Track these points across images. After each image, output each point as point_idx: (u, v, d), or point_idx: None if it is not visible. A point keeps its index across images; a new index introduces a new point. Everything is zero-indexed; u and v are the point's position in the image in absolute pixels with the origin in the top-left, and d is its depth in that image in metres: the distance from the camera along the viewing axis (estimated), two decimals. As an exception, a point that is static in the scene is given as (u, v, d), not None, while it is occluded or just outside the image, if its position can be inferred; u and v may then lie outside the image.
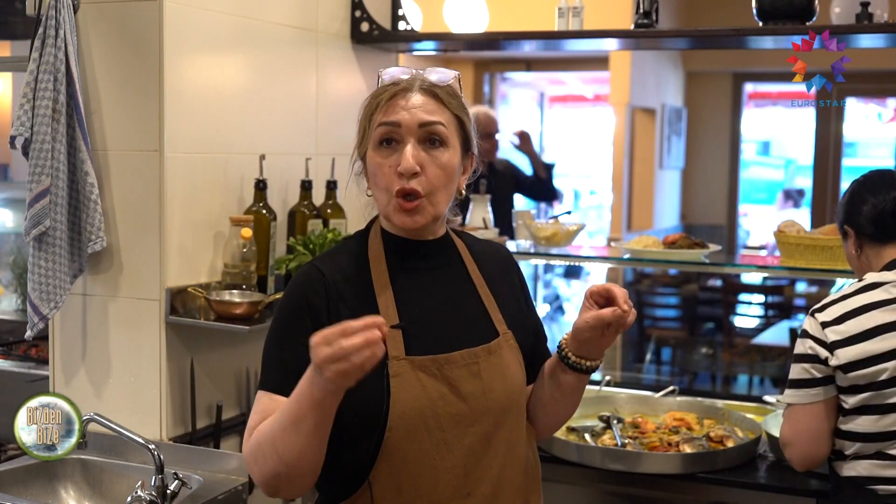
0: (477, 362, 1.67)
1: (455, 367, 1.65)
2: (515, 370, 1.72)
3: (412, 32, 3.23)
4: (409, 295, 1.68)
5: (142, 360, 2.44)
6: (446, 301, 1.72)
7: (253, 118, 2.68)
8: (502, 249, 1.90)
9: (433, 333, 1.67)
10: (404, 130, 1.64)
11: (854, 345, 2.09)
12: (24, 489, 2.31)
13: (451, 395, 1.63)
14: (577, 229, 3.26)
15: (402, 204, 1.64)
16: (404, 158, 1.62)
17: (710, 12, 7.63)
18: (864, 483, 2.12)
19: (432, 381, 1.62)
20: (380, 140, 1.65)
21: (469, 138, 1.73)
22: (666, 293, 7.23)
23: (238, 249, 2.55)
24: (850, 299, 2.15)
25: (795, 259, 2.82)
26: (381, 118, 1.65)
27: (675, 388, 2.98)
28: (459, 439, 1.62)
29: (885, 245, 2.21)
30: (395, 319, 1.64)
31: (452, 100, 1.70)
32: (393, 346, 1.62)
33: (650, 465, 2.44)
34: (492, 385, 1.67)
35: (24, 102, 2.30)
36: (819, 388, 2.13)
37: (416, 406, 1.60)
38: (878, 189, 2.22)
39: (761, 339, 6.03)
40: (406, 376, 1.61)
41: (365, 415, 1.60)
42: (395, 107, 1.65)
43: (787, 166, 10.92)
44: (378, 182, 1.66)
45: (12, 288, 3.65)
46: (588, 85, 10.32)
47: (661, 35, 3.08)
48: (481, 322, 1.73)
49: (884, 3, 2.75)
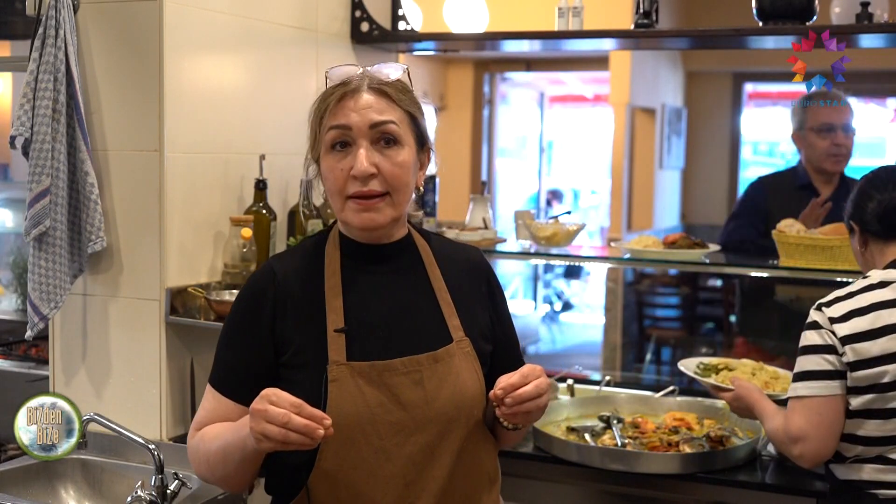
0: (419, 370, 1.62)
1: (395, 375, 1.61)
2: (468, 378, 1.66)
3: (412, 32, 3.23)
4: (359, 298, 1.65)
5: (142, 360, 2.44)
6: (398, 306, 1.68)
7: (253, 118, 2.68)
8: (474, 255, 1.83)
9: (379, 339, 1.63)
10: (355, 132, 1.61)
11: (861, 343, 2.06)
12: (24, 489, 2.32)
13: (389, 403, 1.59)
14: (577, 229, 3.26)
15: (358, 203, 1.61)
16: (358, 161, 1.59)
17: (710, 12, 7.63)
18: (865, 487, 2.10)
19: (371, 388, 1.59)
20: (331, 144, 1.63)
21: (423, 133, 1.69)
22: (666, 293, 7.23)
23: (238, 249, 2.55)
24: (858, 297, 2.12)
25: (795, 259, 2.82)
26: (330, 122, 1.63)
27: (675, 388, 2.98)
28: (399, 448, 1.59)
29: (889, 242, 2.19)
30: (341, 322, 1.62)
31: (403, 96, 1.66)
32: (335, 350, 1.60)
33: (650, 465, 2.44)
34: (436, 394, 1.62)
35: (24, 102, 2.30)
36: (838, 382, 2.08)
37: (354, 412, 1.57)
38: (885, 186, 2.21)
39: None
40: (344, 382, 1.58)
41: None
42: (344, 109, 1.62)
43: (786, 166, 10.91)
44: (332, 186, 1.63)
45: (12, 288, 3.65)
46: (588, 85, 10.33)
47: (661, 35, 3.08)
48: (434, 328, 1.68)
49: (884, 3, 2.75)
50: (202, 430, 1.68)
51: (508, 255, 3.23)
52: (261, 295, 1.66)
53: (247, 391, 1.59)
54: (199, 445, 1.66)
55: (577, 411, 2.82)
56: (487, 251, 3.32)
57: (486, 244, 3.22)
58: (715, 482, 2.43)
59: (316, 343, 1.62)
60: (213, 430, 1.65)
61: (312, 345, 1.62)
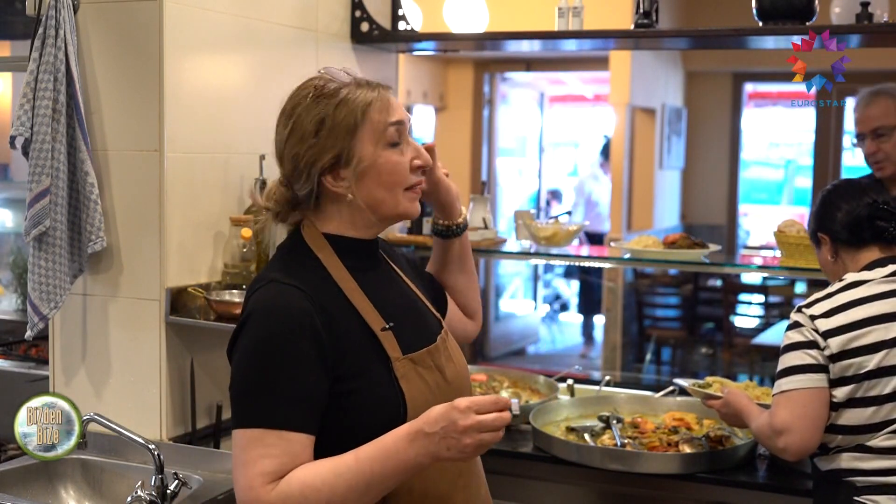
0: (447, 347, 1.73)
1: (440, 356, 1.69)
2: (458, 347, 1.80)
3: (412, 32, 3.23)
4: (376, 295, 1.67)
5: (142, 360, 2.44)
6: (402, 296, 1.76)
7: (253, 118, 2.68)
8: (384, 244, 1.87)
9: (409, 328, 1.68)
10: (406, 127, 1.68)
11: (843, 334, 2.14)
12: (24, 489, 2.31)
13: (443, 382, 1.67)
14: (577, 229, 3.26)
15: (414, 192, 1.69)
16: (423, 154, 1.69)
17: (710, 12, 7.63)
18: (843, 475, 2.15)
19: (429, 373, 1.66)
20: (392, 141, 1.65)
21: None
22: (666, 293, 7.23)
23: (238, 249, 2.55)
24: (836, 296, 2.20)
25: (795, 259, 2.82)
26: (388, 117, 1.64)
27: (674, 388, 2.98)
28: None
29: (860, 249, 2.27)
30: (380, 320, 1.63)
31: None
32: (391, 349, 1.61)
33: (650, 465, 2.44)
34: (461, 363, 1.75)
35: (24, 102, 2.31)
36: (822, 375, 2.14)
37: (427, 400, 1.59)
38: (850, 196, 2.30)
39: (761, 339, 6.03)
40: (411, 375, 1.62)
41: (384, 421, 1.55)
42: (393, 105, 1.67)
43: (786, 166, 10.92)
44: (395, 180, 1.65)
45: (12, 288, 3.65)
46: (588, 85, 10.32)
47: (661, 35, 3.08)
48: (429, 311, 1.80)
49: (884, 3, 2.75)
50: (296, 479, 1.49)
51: (508, 255, 3.24)
52: (305, 314, 1.55)
53: (315, 417, 1.54)
54: (304, 494, 1.48)
55: (577, 411, 2.82)
56: (487, 251, 3.32)
57: (486, 244, 3.23)
58: (714, 482, 2.43)
59: (366, 347, 1.60)
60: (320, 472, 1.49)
61: (363, 349, 1.60)
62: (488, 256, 5.18)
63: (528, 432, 2.62)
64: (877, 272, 2.22)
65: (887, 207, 2.25)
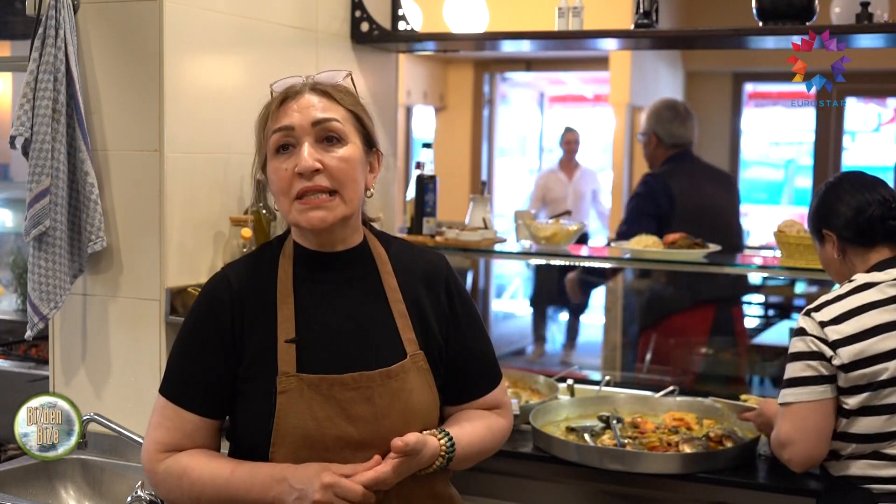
0: (371, 387, 1.61)
1: (346, 390, 1.59)
2: (420, 395, 1.65)
3: (412, 32, 3.23)
4: (311, 309, 1.64)
5: (142, 360, 2.44)
6: (351, 317, 1.66)
7: (253, 118, 2.67)
8: (434, 259, 1.79)
9: (330, 351, 1.62)
10: (298, 132, 1.60)
11: (854, 344, 2.08)
12: (24, 489, 2.32)
13: (338, 417, 1.58)
14: (577, 229, 3.26)
15: (304, 203, 1.59)
16: (301, 158, 1.58)
17: (710, 12, 7.63)
18: (858, 482, 2.11)
19: (321, 401, 1.58)
20: (276, 147, 1.62)
21: (370, 135, 1.68)
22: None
23: (238, 249, 2.55)
24: (846, 300, 2.13)
25: (795, 259, 2.82)
26: (273, 125, 1.62)
27: (674, 388, 2.98)
28: (346, 462, 1.57)
29: (870, 249, 2.20)
30: (292, 332, 1.61)
31: (346, 96, 1.66)
32: (284, 361, 1.59)
33: (649, 465, 2.44)
34: (387, 411, 1.61)
35: (24, 102, 2.31)
36: (826, 386, 2.10)
37: (301, 425, 1.57)
38: (858, 191, 2.20)
39: (761, 339, 6.03)
40: (293, 394, 1.58)
41: (253, 430, 1.60)
42: (286, 111, 1.62)
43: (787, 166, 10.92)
44: (278, 188, 1.62)
45: (12, 288, 3.65)
46: (588, 85, 10.32)
47: (661, 35, 3.08)
48: (387, 341, 1.66)
49: (884, 3, 2.75)
50: (183, 463, 1.63)
51: (508, 255, 3.24)
52: (217, 303, 1.63)
53: (210, 402, 1.62)
54: (181, 479, 1.62)
55: (577, 411, 2.82)
56: (487, 251, 3.32)
57: (486, 244, 3.22)
58: (715, 482, 2.43)
59: (267, 353, 1.61)
60: (202, 468, 1.61)
61: (263, 355, 1.61)
62: (488, 256, 5.18)
63: (528, 432, 2.62)
64: (888, 273, 2.15)
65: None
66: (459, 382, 1.72)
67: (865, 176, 2.27)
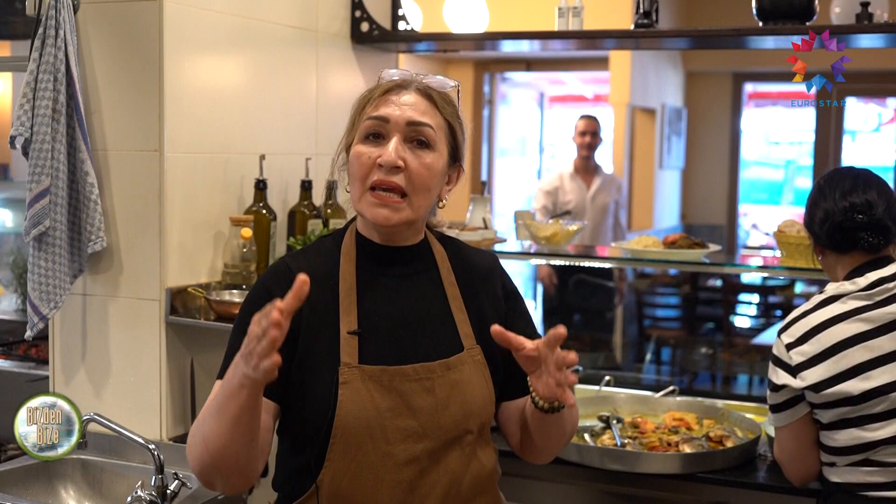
0: (431, 378, 1.62)
1: (407, 381, 1.60)
2: (477, 388, 1.67)
3: (412, 32, 3.23)
4: (373, 301, 1.65)
5: (142, 360, 2.44)
6: (411, 311, 1.67)
7: (253, 118, 2.68)
8: (488, 259, 1.83)
9: (391, 343, 1.63)
10: (391, 126, 1.62)
11: (817, 365, 2.08)
12: (24, 489, 2.32)
13: (400, 408, 1.59)
14: (577, 229, 3.26)
15: (377, 196, 1.60)
16: (387, 151, 1.60)
17: (710, 12, 7.63)
18: (855, 489, 2.12)
19: (382, 392, 1.59)
20: (366, 133, 1.63)
21: (459, 148, 1.69)
22: (666, 293, 7.23)
23: (238, 249, 2.55)
24: (813, 315, 2.13)
25: (795, 259, 2.82)
26: (370, 112, 1.64)
27: (674, 388, 2.98)
28: (406, 453, 1.58)
29: (844, 255, 2.19)
30: (355, 325, 1.61)
31: (447, 106, 1.67)
32: (347, 353, 1.59)
33: (649, 465, 2.44)
34: (446, 402, 1.62)
35: (24, 102, 2.31)
36: (799, 404, 2.14)
37: (362, 416, 1.57)
38: (833, 195, 2.17)
39: (761, 339, 6.03)
40: (355, 385, 1.58)
41: (312, 420, 1.59)
42: (386, 102, 1.63)
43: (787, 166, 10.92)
44: (356, 172, 1.62)
45: (12, 288, 3.65)
46: (588, 85, 10.32)
47: (661, 35, 3.08)
48: (445, 335, 1.68)
49: (884, 3, 2.75)
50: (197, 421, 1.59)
51: (508, 255, 3.23)
52: (276, 288, 1.58)
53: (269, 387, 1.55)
54: (193, 428, 1.57)
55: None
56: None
57: (486, 244, 3.22)
58: (715, 482, 2.43)
59: (327, 344, 1.61)
60: (201, 410, 1.59)
61: (325, 347, 1.61)
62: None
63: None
64: (855, 283, 2.12)
65: (862, 217, 2.12)
66: (519, 377, 1.71)
67: (853, 176, 2.21)
